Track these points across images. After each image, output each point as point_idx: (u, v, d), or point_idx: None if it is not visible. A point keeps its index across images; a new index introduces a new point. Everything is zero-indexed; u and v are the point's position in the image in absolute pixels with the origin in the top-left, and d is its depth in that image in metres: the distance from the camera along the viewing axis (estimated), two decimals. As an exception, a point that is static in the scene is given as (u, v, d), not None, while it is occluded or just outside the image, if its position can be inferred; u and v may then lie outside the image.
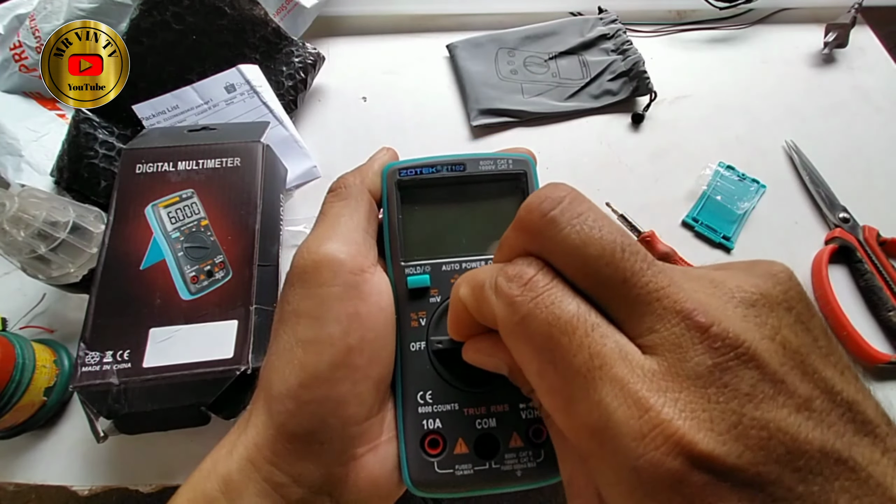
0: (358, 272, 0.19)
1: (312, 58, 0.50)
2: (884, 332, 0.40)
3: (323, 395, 0.18)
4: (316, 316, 0.18)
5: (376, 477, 0.19)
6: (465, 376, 0.19)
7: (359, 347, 0.18)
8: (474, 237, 0.22)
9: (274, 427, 0.18)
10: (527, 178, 0.23)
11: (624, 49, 0.54)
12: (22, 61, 0.47)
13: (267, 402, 0.18)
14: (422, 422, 0.19)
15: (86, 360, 0.30)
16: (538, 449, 0.19)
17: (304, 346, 0.18)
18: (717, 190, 0.46)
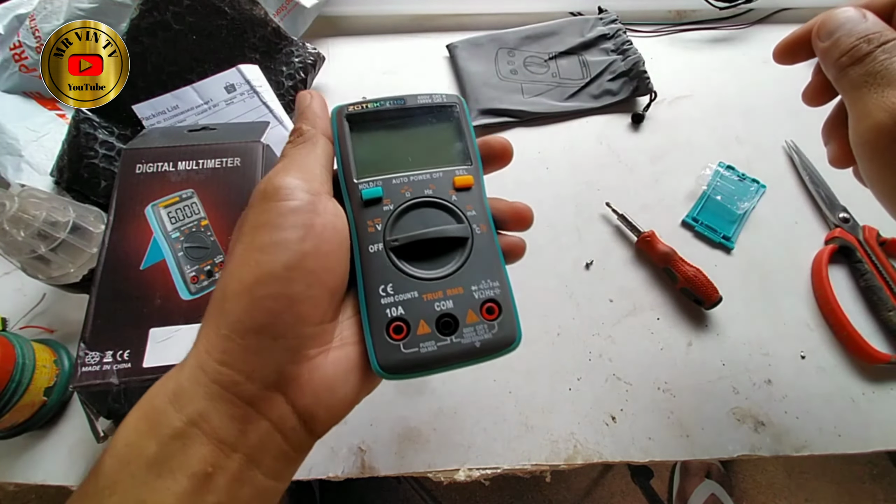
0: (314, 194, 0.20)
1: (312, 58, 0.50)
2: (884, 332, 0.40)
3: (277, 291, 0.18)
4: (274, 224, 0.19)
5: (330, 379, 0.20)
6: (422, 268, 0.22)
7: (313, 254, 0.19)
8: (417, 155, 0.24)
9: (227, 326, 0.18)
10: (460, 108, 0.26)
11: (624, 49, 0.54)
12: (22, 61, 0.47)
13: (219, 305, 0.19)
14: (385, 311, 0.21)
15: (86, 360, 0.30)
16: (492, 322, 0.21)
17: (261, 249, 0.19)
18: (717, 190, 0.46)
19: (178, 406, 0.18)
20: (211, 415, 0.18)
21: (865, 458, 0.96)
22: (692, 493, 0.87)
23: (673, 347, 0.40)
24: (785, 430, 0.36)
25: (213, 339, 0.18)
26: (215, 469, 0.17)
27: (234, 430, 0.18)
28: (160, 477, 0.17)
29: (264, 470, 0.19)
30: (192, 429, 0.17)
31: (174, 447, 0.17)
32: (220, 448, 0.18)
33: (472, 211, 0.24)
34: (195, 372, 0.18)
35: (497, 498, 0.94)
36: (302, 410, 0.19)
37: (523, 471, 0.36)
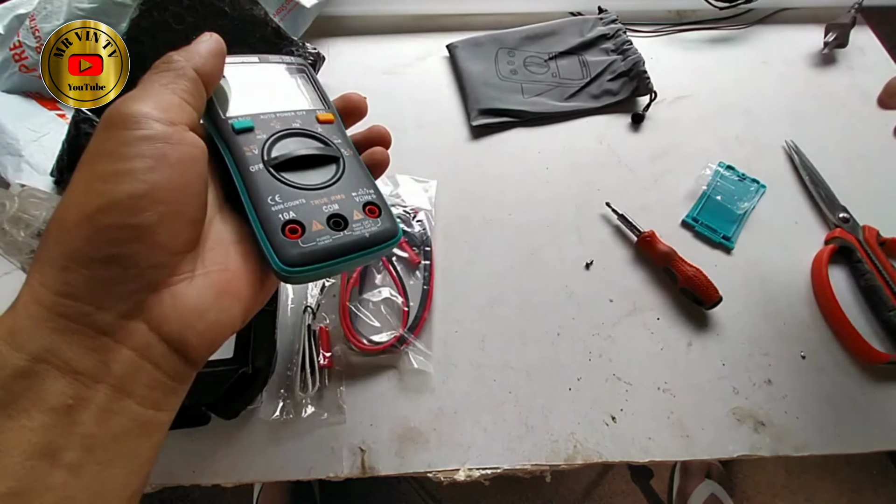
0: (168, 124, 0.19)
1: (312, 58, 0.50)
2: (884, 332, 0.40)
3: (123, 221, 0.17)
4: (118, 154, 0.18)
5: (196, 304, 0.19)
6: (305, 178, 0.24)
7: (165, 185, 0.18)
8: (280, 99, 0.27)
9: (66, 257, 0.17)
10: (308, 67, 0.29)
11: (624, 49, 0.54)
12: (22, 61, 0.47)
13: (56, 235, 0.18)
14: (278, 216, 0.22)
15: (86, 360, 0.30)
16: (376, 220, 0.24)
17: (104, 178, 0.18)
18: (717, 190, 0.46)
19: (15, 345, 0.17)
20: (61, 348, 0.17)
21: (865, 458, 0.96)
22: (692, 493, 0.87)
23: (673, 347, 0.40)
24: (785, 430, 0.36)
25: (48, 272, 0.17)
26: (77, 401, 0.17)
27: (92, 361, 0.17)
28: (10, 418, 0.16)
29: (138, 400, 0.18)
30: (39, 365, 0.17)
31: (21, 386, 0.16)
32: (78, 380, 0.17)
33: (338, 139, 0.26)
34: (32, 308, 0.17)
35: (497, 498, 0.94)
36: (170, 337, 0.19)
37: (523, 471, 0.36)
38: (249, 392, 0.34)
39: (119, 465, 0.18)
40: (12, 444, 0.16)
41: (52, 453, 0.16)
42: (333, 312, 0.40)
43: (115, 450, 0.18)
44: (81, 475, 0.17)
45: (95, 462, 0.17)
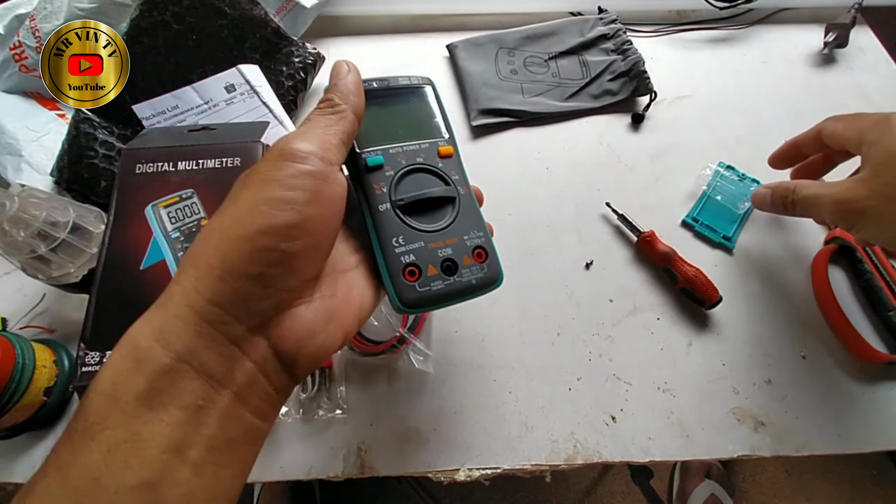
0: (328, 163, 0.22)
1: (312, 58, 0.50)
2: (884, 332, 0.40)
3: (276, 245, 0.19)
4: (286, 183, 0.20)
5: (309, 326, 0.21)
6: (423, 222, 0.26)
7: (315, 218, 0.20)
8: (405, 129, 0.29)
9: (224, 268, 0.19)
10: (432, 88, 0.31)
11: (624, 49, 0.54)
12: (22, 61, 0.47)
13: (218, 246, 0.19)
14: (400, 258, 0.24)
15: (86, 360, 0.30)
16: (482, 264, 0.26)
17: (270, 203, 0.20)
18: (717, 190, 0.46)
19: (164, 343, 0.18)
20: (200, 351, 0.18)
21: (865, 458, 0.96)
22: (692, 493, 0.87)
23: (673, 347, 0.40)
24: (785, 430, 0.36)
25: (205, 279, 0.19)
26: (206, 403, 0.18)
27: (222, 368, 0.19)
28: (152, 410, 0.17)
29: (251, 409, 0.19)
30: (180, 364, 0.18)
31: (164, 382, 0.17)
32: (209, 383, 0.18)
33: (456, 175, 0.28)
34: (183, 310, 0.18)
35: (497, 498, 0.94)
36: (283, 354, 0.20)
37: (523, 471, 0.36)
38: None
39: (231, 467, 0.19)
40: (152, 436, 0.17)
41: (181, 450, 0.17)
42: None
43: (230, 453, 0.19)
44: (202, 474, 0.18)
45: (214, 463, 0.18)
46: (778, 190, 0.37)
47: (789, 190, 0.36)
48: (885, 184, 0.30)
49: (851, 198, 0.31)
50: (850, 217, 0.32)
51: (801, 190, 0.35)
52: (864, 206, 0.31)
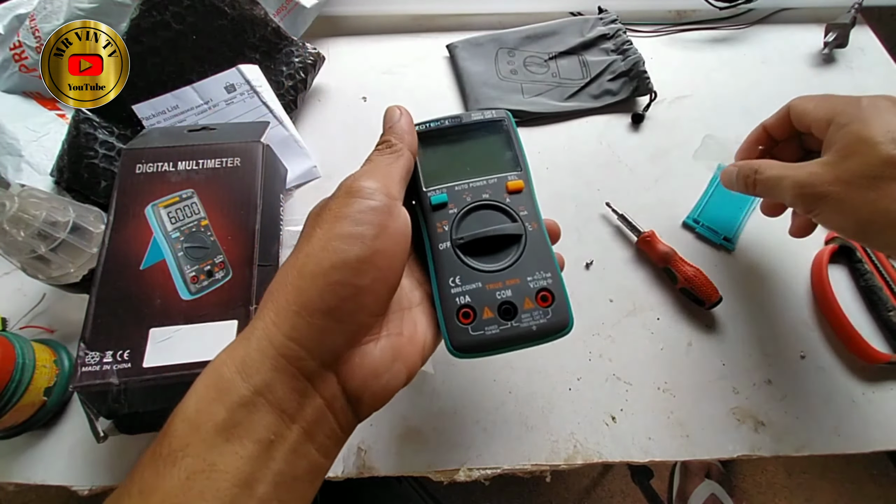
0: (391, 198, 0.23)
1: (312, 58, 0.50)
2: (884, 332, 0.40)
3: (348, 279, 0.20)
4: (355, 219, 0.21)
5: (376, 365, 0.22)
6: (483, 261, 0.25)
7: (382, 252, 0.21)
8: (475, 164, 0.28)
9: (300, 304, 0.20)
10: (508, 122, 0.30)
11: (624, 49, 0.54)
12: (22, 61, 0.47)
13: (292, 285, 0.20)
14: (455, 299, 0.24)
15: (86, 360, 0.30)
16: (546, 308, 0.24)
17: (341, 239, 0.21)
18: (718, 190, 0.46)
19: (244, 375, 0.19)
20: (275, 386, 0.19)
21: (865, 458, 0.96)
22: (692, 493, 0.87)
23: (673, 347, 0.40)
24: (785, 430, 0.36)
25: (283, 314, 0.20)
26: (277, 438, 0.19)
27: (294, 403, 0.19)
28: (228, 441, 0.18)
29: (317, 446, 0.20)
30: (257, 398, 0.19)
31: (241, 414, 0.18)
32: (281, 418, 0.19)
33: (525, 211, 0.26)
34: (263, 344, 0.19)
35: (497, 498, 0.94)
36: (350, 392, 0.21)
37: (523, 471, 0.36)
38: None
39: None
40: (226, 467, 0.18)
41: (250, 484, 0.18)
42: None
43: (294, 490, 0.19)
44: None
45: (278, 499, 0.18)
46: (743, 168, 0.36)
47: (752, 169, 0.35)
48: (849, 170, 0.29)
49: (814, 182, 0.30)
50: (810, 201, 0.30)
51: (765, 170, 0.34)
52: (826, 190, 0.29)
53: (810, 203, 0.31)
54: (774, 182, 0.33)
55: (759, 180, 0.34)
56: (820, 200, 0.30)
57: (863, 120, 0.29)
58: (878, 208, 0.28)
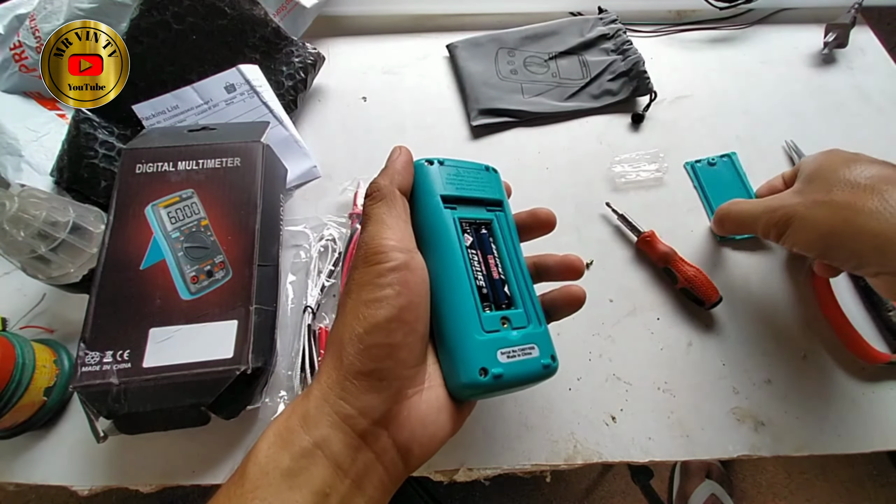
0: (405, 252, 0.24)
1: (312, 58, 0.50)
2: (884, 332, 0.40)
3: (381, 340, 0.22)
4: (376, 283, 0.23)
5: (423, 416, 0.23)
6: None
7: (408, 307, 0.23)
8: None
9: (344, 368, 0.22)
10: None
11: (624, 49, 0.54)
12: (22, 61, 0.47)
13: (338, 350, 0.22)
14: None
15: (86, 360, 0.30)
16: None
17: (367, 304, 0.22)
18: (710, 190, 0.46)
19: (306, 429, 0.21)
20: (332, 440, 0.21)
21: (865, 458, 0.96)
22: (692, 493, 0.87)
23: (673, 347, 0.40)
24: (785, 430, 0.36)
25: (333, 377, 0.22)
26: (331, 490, 0.20)
27: (347, 457, 0.21)
28: (291, 489, 0.20)
29: (366, 498, 0.22)
30: (316, 450, 0.21)
31: (303, 463, 0.20)
32: (336, 471, 0.21)
33: None
34: (320, 402, 0.22)
35: (497, 498, 0.93)
36: (400, 445, 0.22)
37: (523, 471, 0.36)
38: (249, 392, 0.34)
39: None
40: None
41: None
42: (333, 312, 0.40)
43: None
44: None
45: None
46: (717, 213, 0.40)
47: (723, 210, 0.39)
48: (813, 190, 0.33)
49: (782, 204, 0.34)
50: (781, 224, 0.33)
51: (734, 206, 0.38)
52: (793, 211, 0.33)
53: (781, 226, 0.33)
54: (746, 215, 0.36)
55: (730, 217, 0.38)
56: (788, 221, 0.33)
57: (824, 154, 0.35)
58: (837, 219, 0.31)
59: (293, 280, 0.41)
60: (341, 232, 0.43)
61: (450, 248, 0.26)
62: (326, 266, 0.41)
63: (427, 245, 0.26)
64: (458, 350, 0.24)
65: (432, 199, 0.27)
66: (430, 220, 0.27)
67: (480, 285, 0.26)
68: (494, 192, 0.30)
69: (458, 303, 0.25)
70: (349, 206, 0.45)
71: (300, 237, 0.43)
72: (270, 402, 0.36)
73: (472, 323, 0.24)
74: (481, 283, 0.26)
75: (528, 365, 0.25)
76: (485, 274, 0.27)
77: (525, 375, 0.25)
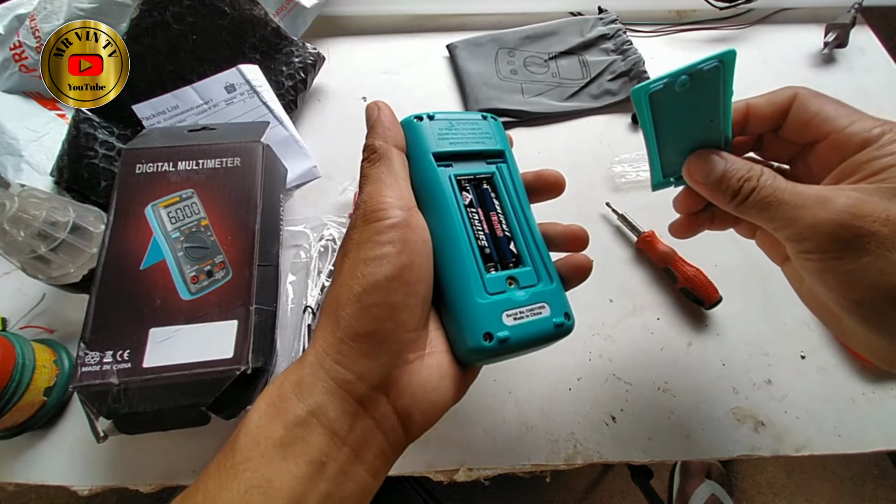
0: (405, 209, 0.23)
1: (312, 58, 0.50)
2: (884, 332, 0.40)
3: (381, 300, 0.21)
4: (375, 241, 0.21)
5: (424, 383, 0.22)
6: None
7: (408, 266, 0.21)
8: None
9: (341, 330, 0.21)
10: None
11: (624, 49, 0.54)
12: (22, 61, 0.47)
13: (334, 311, 0.21)
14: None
15: (86, 360, 0.30)
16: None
17: (366, 262, 0.21)
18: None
19: (300, 396, 0.20)
20: (327, 407, 0.20)
21: (865, 458, 0.96)
22: (693, 493, 0.87)
23: (673, 347, 0.40)
24: (785, 430, 0.36)
25: (329, 340, 0.21)
26: (328, 459, 0.19)
27: (345, 425, 0.20)
28: (284, 459, 0.19)
29: (366, 466, 0.21)
30: (311, 418, 0.20)
31: (297, 433, 0.19)
32: (332, 439, 0.20)
33: None
34: (315, 368, 0.21)
35: (497, 498, 0.93)
36: (401, 411, 0.21)
37: (523, 471, 0.36)
38: (249, 392, 0.34)
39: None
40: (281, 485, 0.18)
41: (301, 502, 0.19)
42: (333, 312, 0.40)
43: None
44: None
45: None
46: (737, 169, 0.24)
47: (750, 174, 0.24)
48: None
49: (863, 212, 0.20)
50: (844, 242, 0.20)
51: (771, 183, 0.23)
52: (875, 230, 0.20)
53: (843, 246, 0.20)
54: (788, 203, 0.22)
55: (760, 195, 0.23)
56: (860, 243, 0.20)
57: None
58: None
59: (293, 280, 0.41)
60: (341, 232, 0.43)
61: (446, 209, 0.24)
62: (326, 266, 0.41)
63: (424, 207, 0.25)
64: (461, 315, 0.23)
65: (425, 159, 0.25)
66: (423, 181, 0.25)
67: (483, 245, 0.24)
68: (495, 142, 0.28)
69: (459, 266, 0.23)
70: (349, 206, 0.45)
71: (300, 237, 0.43)
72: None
73: (474, 286, 0.23)
74: (483, 243, 0.25)
75: (537, 325, 0.24)
76: (487, 233, 0.25)
77: (534, 337, 0.24)
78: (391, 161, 0.24)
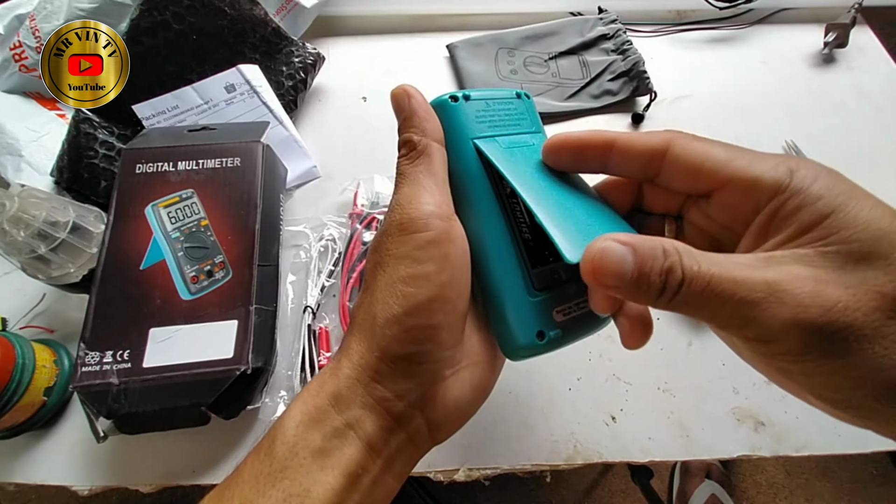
0: (445, 219, 0.21)
1: (312, 58, 0.50)
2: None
3: (422, 322, 0.20)
4: (415, 257, 0.20)
5: (457, 396, 0.22)
6: None
7: (449, 283, 0.20)
8: None
9: (378, 350, 0.20)
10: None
11: (624, 49, 0.54)
12: (22, 61, 0.47)
13: (371, 328, 0.20)
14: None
15: (86, 360, 0.30)
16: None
17: (406, 281, 0.20)
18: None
19: (338, 408, 0.20)
20: (365, 422, 0.20)
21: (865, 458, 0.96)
22: (693, 493, 0.87)
23: (673, 347, 0.40)
24: (785, 430, 0.36)
25: (367, 358, 0.20)
26: (363, 471, 0.20)
27: (380, 439, 0.20)
28: (322, 470, 0.19)
29: (394, 474, 0.21)
30: (348, 430, 0.20)
31: (335, 443, 0.19)
32: (368, 452, 0.20)
33: None
34: (352, 382, 0.20)
35: (497, 498, 0.93)
36: (432, 423, 0.22)
37: (523, 471, 0.36)
38: (249, 392, 0.34)
39: None
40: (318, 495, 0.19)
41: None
42: (333, 312, 0.40)
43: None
44: None
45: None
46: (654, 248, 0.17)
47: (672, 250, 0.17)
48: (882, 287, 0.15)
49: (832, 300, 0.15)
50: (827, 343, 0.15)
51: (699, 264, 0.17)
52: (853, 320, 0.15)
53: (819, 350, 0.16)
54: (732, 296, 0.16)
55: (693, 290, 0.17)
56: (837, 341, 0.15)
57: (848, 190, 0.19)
58: None
59: (293, 280, 0.41)
60: (341, 232, 0.43)
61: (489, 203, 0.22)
62: (326, 266, 0.41)
63: (464, 200, 0.23)
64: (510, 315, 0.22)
65: (464, 147, 0.23)
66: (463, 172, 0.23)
67: (527, 238, 0.23)
68: (532, 123, 0.26)
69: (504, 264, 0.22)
70: (349, 206, 0.45)
71: (300, 237, 0.43)
72: (270, 402, 0.36)
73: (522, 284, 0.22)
74: (527, 235, 0.23)
75: (585, 319, 0.23)
76: (530, 224, 0.23)
77: (584, 330, 0.23)
78: (431, 159, 0.22)
